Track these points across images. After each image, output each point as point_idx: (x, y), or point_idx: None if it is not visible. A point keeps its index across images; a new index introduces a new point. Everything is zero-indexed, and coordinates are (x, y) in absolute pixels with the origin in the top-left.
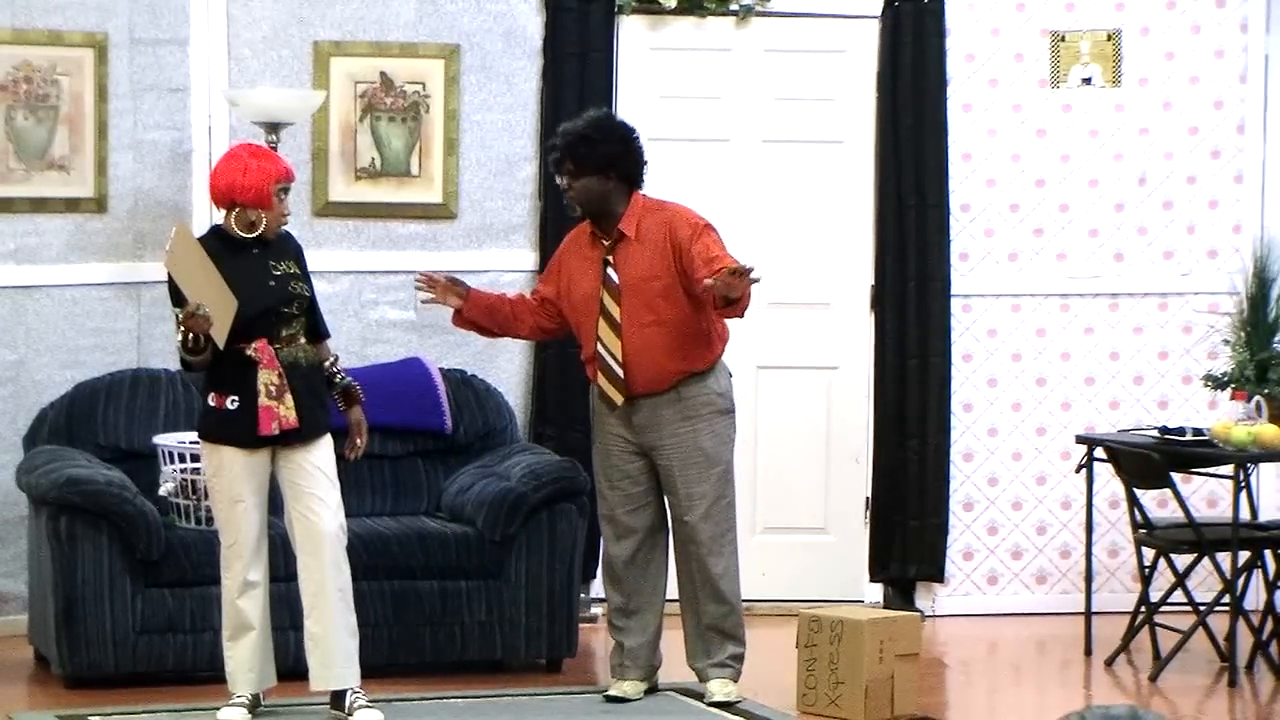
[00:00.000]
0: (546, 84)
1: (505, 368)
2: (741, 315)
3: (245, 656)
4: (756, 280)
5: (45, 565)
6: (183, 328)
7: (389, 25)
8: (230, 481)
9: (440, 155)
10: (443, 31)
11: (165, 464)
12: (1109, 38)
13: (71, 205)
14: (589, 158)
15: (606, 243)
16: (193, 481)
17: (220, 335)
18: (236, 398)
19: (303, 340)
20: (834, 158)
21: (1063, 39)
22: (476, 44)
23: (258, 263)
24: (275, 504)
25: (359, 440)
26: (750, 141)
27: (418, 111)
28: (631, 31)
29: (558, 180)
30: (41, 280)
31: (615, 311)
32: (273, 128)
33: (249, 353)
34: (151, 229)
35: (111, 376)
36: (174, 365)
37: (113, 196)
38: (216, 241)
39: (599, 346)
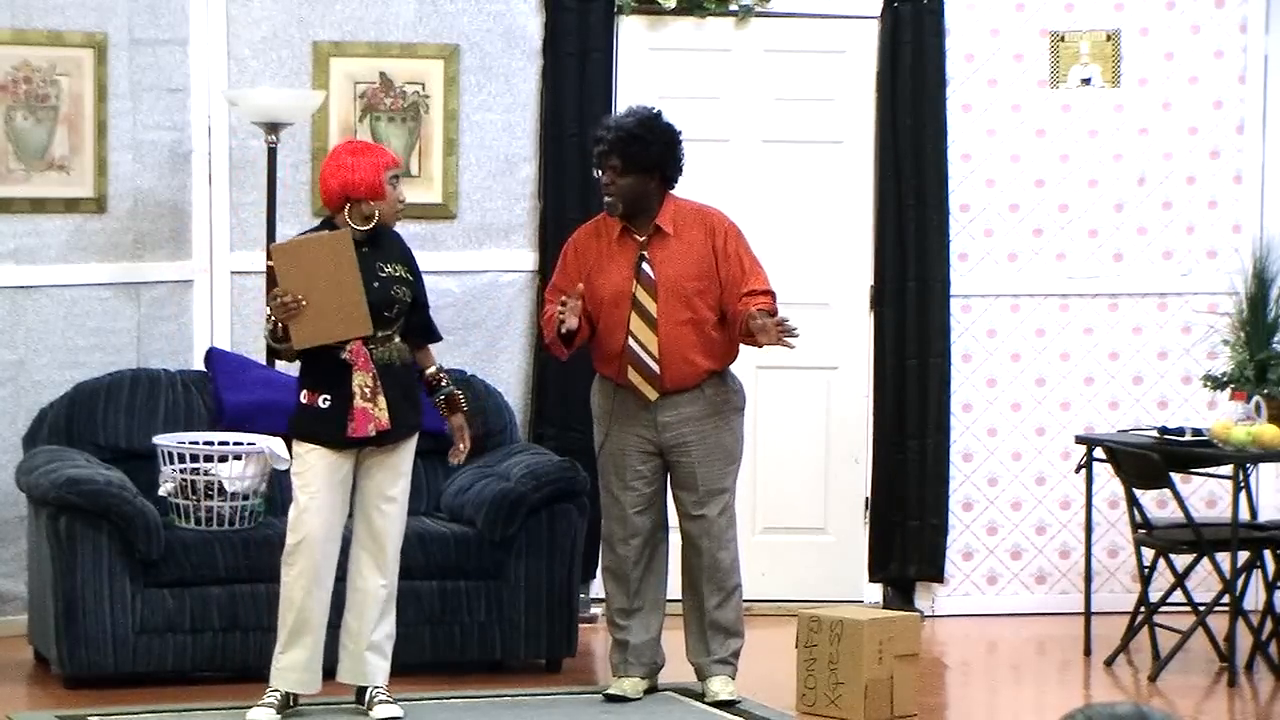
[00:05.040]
0: (546, 84)
1: (505, 368)
2: (760, 347)
3: (302, 659)
4: (794, 337)
5: (45, 565)
6: (270, 311)
7: (389, 26)
8: (309, 479)
9: (440, 155)
10: (442, 32)
11: (165, 464)
12: (1108, 38)
13: (71, 205)
14: (638, 157)
15: (641, 238)
16: (192, 482)
17: (302, 341)
18: (329, 397)
19: (397, 339)
20: (834, 158)
21: (1062, 39)
22: (476, 44)
23: (365, 262)
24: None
25: (462, 445)
26: (750, 141)
27: (417, 112)
28: (631, 31)
29: (596, 173)
30: (41, 280)
31: (651, 307)
32: (272, 128)
33: (343, 356)
34: (151, 229)
35: (111, 376)
36: (173, 365)
37: (112, 196)
38: None
39: (631, 341)
